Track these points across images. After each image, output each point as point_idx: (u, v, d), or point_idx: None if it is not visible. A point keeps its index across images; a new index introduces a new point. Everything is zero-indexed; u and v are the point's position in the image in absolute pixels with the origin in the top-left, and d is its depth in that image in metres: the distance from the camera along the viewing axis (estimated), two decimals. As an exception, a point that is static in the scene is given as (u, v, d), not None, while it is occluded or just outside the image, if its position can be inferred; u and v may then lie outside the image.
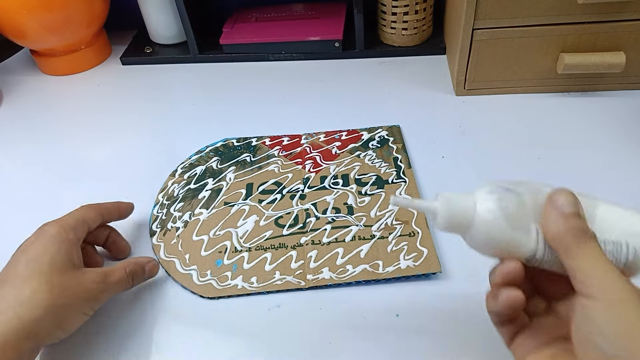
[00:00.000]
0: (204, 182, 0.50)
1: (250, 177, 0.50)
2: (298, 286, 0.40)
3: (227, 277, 0.41)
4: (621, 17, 0.50)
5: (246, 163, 0.51)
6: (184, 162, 0.53)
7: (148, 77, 0.70)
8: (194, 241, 0.44)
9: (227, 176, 0.50)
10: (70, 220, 0.38)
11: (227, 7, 0.76)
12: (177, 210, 0.47)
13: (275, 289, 0.40)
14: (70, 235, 0.36)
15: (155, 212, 0.48)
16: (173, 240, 0.44)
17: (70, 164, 0.56)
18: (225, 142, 0.55)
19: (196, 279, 0.41)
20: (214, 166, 0.52)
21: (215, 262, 0.42)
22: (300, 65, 0.68)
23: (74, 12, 0.67)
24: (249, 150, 0.53)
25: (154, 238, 0.45)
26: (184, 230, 0.45)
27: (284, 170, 0.50)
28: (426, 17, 0.65)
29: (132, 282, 0.39)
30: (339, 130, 0.55)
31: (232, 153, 0.53)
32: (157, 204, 0.48)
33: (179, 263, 0.42)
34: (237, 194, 0.48)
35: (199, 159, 0.53)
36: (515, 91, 0.57)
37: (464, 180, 0.48)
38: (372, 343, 0.36)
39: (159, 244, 0.44)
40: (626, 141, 0.50)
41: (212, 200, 0.48)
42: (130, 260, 0.40)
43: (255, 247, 0.43)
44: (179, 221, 0.46)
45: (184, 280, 0.41)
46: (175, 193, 0.49)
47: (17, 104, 0.68)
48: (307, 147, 0.53)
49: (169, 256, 0.43)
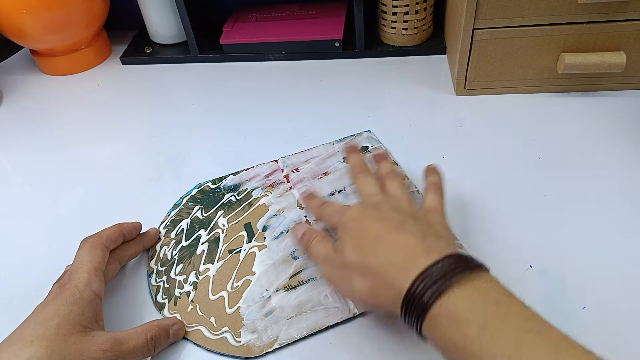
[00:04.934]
0: (196, 236, 0.45)
1: (245, 217, 0.46)
2: (349, 315, 0.37)
3: (266, 329, 0.37)
4: (622, 17, 0.50)
5: (233, 203, 0.47)
6: (164, 221, 0.47)
7: (148, 77, 0.70)
8: (213, 301, 0.40)
9: (219, 222, 0.46)
10: (88, 268, 0.36)
11: (227, 7, 0.76)
12: (179, 273, 0.42)
13: (324, 327, 0.37)
14: (86, 293, 0.35)
15: (154, 282, 0.42)
16: (189, 307, 0.39)
17: (70, 164, 0.56)
18: (199, 187, 0.50)
19: (232, 340, 0.37)
20: (199, 216, 0.47)
21: (248, 316, 0.38)
22: (300, 65, 0.68)
23: (73, 12, 0.67)
24: (231, 189, 0.49)
25: (164, 311, 0.40)
26: (196, 293, 0.40)
27: (276, 200, 0.47)
28: (426, 17, 0.65)
29: (154, 349, 0.35)
30: (312, 147, 0.53)
31: (213, 197, 0.48)
32: (152, 273, 0.43)
33: (206, 329, 0.38)
34: (239, 237, 0.44)
35: (178, 212, 0.47)
36: (515, 91, 0.57)
37: (464, 181, 0.48)
38: (372, 343, 0.36)
39: (174, 316, 0.39)
40: (626, 141, 0.50)
41: (213, 252, 0.43)
42: (153, 323, 0.36)
43: (283, 287, 0.40)
44: (186, 284, 0.41)
45: (219, 347, 0.37)
46: (169, 256, 0.44)
47: (17, 104, 0.68)
48: (289, 171, 0.50)
49: (191, 325, 0.38)
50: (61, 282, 0.36)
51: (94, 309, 0.35)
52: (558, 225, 0.42)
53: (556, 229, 0.42)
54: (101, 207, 0.50)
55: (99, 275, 0.37)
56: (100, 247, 0.38)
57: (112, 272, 0.41)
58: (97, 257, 0.38)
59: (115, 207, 0.50)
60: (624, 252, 0.40)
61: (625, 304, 0.36)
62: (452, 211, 0.44)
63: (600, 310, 0.36)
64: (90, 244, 0.38)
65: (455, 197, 0.46)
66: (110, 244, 0.40)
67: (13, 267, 0.45)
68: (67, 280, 0.36)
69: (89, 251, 0.38)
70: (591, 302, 0.37)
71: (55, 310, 0.33)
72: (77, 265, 0.37)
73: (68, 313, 0.33)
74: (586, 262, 0.39)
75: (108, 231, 0.41)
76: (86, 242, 0.39)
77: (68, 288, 0.35)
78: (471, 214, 0.44)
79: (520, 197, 0.45)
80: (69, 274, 0.37)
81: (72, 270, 0.37)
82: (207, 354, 0.37)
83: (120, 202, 0.50)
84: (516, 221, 0.43)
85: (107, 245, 0.39)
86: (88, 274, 0.36)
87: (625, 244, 0.40)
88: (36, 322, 0.33)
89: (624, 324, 0.35)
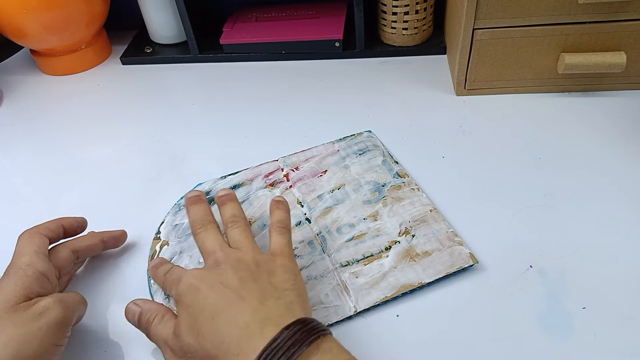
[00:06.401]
0: None
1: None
2: (349, 314, 0.37)
3: None
4: (622, 17, 0.50)
5: None
6: (164, 221, 0.47)
7: (148, 77, 0.70)
8: None
9: (219, 222, 0.45)
10: (29, 251, 0.37)
11: (227, 7, 0.76)
12: None
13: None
14: (29, 271, 0.35)
15: (154, 282, 0.41)
16: None
17: (70, 164, 0.56)
18: (199, 187, 0.50)
19: None
20: None
21: None
22: (300, 65, 0.68)
23: (73, 12, 0.67)
24: (231, 189, 0.48)
25: None
26: None
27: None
28: (426, 17, 0.65)
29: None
30: (313, 146, 0.53)
31: (212, 197, 0.48)
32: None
33: None
34: None
35: (178, 212, 0.47)
36: (515, 91, 0.57)
37: (464, 180, 0.48)
38: (372, 342, 0.36)
39: None
40: (627, 141, 0.50)
41: None
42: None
43: None
44: None
45: None
46: (169, 256, 0.44)
47: (17, 104, 0.68)
48: (289, 170, 0.50)
49: None
50: (5, 270, 0.36)
51: (42, 285, 0.35)
52: (558, 225, 0.42)
53: (556, 229, 0.42)
54: (101, 207, 0.50)
55: (42, 257, 0.37)
56: (37, 235, 0.38)
57: (66, 260, 0.39)
58: (35, 242, 0.37)
59: (115, 207, 0.50)
60: (624, 252, 0.40)
61: (625, 304, 0.36)
62: (452, 211, 0.44)
63: (600, 310, 0.36)
64: (27, 233, 0.38)
65: (455, 197, 0.46)
66: (48, 232, 0.39)
67: (13, 267, 0.45)
68: (9, 266, 0.36)
69: (26, 239, 0.38)
70: (591, 302, 0.37)
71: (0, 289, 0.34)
72: (17, 253, 0.37)
73: (12, 289, 0.34)
74: (586, 262, 0.39)
75: (46, 222, 0.40)
76: (23, 233, 0.39)
77: (10, 270, 0.35)
78: (471, 214, 0.44)
79: (520, 197, 0.45)
80: (11, 261, 0.36)
81: (13, 258, 0.37)
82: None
83: (120, 202, 0.50)
84: (516, 221, 0.43)
85: (45, 234, 0.39)
86: (29, 256, 0.36)
87: (625, 243, 0.40)
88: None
89: (624, 324, 0.35)
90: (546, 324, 0.36)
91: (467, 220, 0.44)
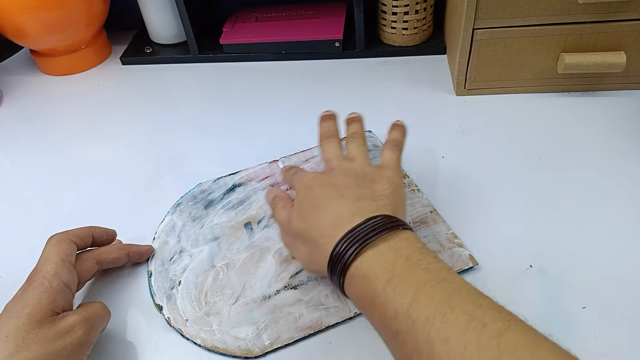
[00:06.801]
0: (196, 236, 0.45)
1: (245, 217, 0.46)
2: (349, 315, 0.37)
3: (266, 329, 0.37)
4: (622, 16, 0.50)
5: (233, 203, 0.47)
6: (163, 221, 0.47)
7: (148, 77, 0.70)
8: None
9: (219, 222, 0.46)
10: (55, 260, 0.36)
11: (227, 7, 0.76)
12: (179, 273, 0.42)
13: (325, 327, 0.37)
14: (54, 282, 0.35)
15: (154, 282, 0.42)
16: None
17: (70, 164, 0.56)
18: (199, 187, 0.50)
19: (233, 340, 0.37)
20: (199, 216, 0.47)
21: (248, 316, 0.38)
22: (300, 65, 0.68)
23: (73, 12, 0.67)
24: (231, 189, 0.49)
25: (164, 311, 0.40)
26: (196, 293, 0.40)
27: None
28: (426, 17, 0.65)
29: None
30: (313, 146, 0.52)
31: (213, 197, 0.48)
32: (152, 274, 0.42)
33: (206, 329, 0.38)
34: (239, 237, 0.44)
35: (179, 212, 0.47)
36: (515, 91, 0.57)
37: (464, 180, 0.48)
38: (372, 343, 0.36)
39: None
40: (626, 141, 0.50)
41: (214, 253, 0.43)
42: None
43: (284, 287, 0.40)
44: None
45: (219, 347, 0.37)
46: (170, 256, 0.44)
47: (17, 104, 0.68)
48: None
49: (192, 326, 0.38)
50: (29, 276, 0.36)
51: (65, 298, 0.35)
52: (558, 225, 0.42)
53: (556, 229, 0.42)
54: (101, 207, 0.50)
55: (67, 266, 0.37)
56: (66, 241, 0.38)
57: (89, 271, 0.39)
58: (63, 249, 0.37)
59: (116, 207, 0.50)
60: (624, 252, 0.40)
61: (625, 304, 0.36)
62: (452, 211, 0.44)
63: (600, 310, 0.36)
64: (56, 238, 0.38)
65: (455, 196, 0.46)
66: (78, 240, 0.39)
67: (13, 267, 0.44)
68: (34, 273, 0.36)
69: (54, 245, 0.38)
70: (591, 302, 0.37)
71: (25, 302, 0.33)
72: (44, 259, 0.37)
73: (38, 301, 0.33)
74: (586, 262, 0.39)
75: (76, 229, 0.40)
76: (52, 237, 0.39)
77: (36, 279, 0.35)
78: (471, 214, 0.44)
79: (520, 197, 0.45)
80: (36, 267, 0.36)
81: (39, 263, 0.37)
82: (207, 353, 0.37)
83: (120, 202, 0.50)
84: (516, 221, 0.43)
85: (74, 241, 0.39)
86: (55, 264, 0.36)
87: (626, 243, 0.40)
88: (8, 316, 0.33)
89: (624, 324, 0.35)
90: (546, 324, 0.36)
91: (467, 220, 0.44)
